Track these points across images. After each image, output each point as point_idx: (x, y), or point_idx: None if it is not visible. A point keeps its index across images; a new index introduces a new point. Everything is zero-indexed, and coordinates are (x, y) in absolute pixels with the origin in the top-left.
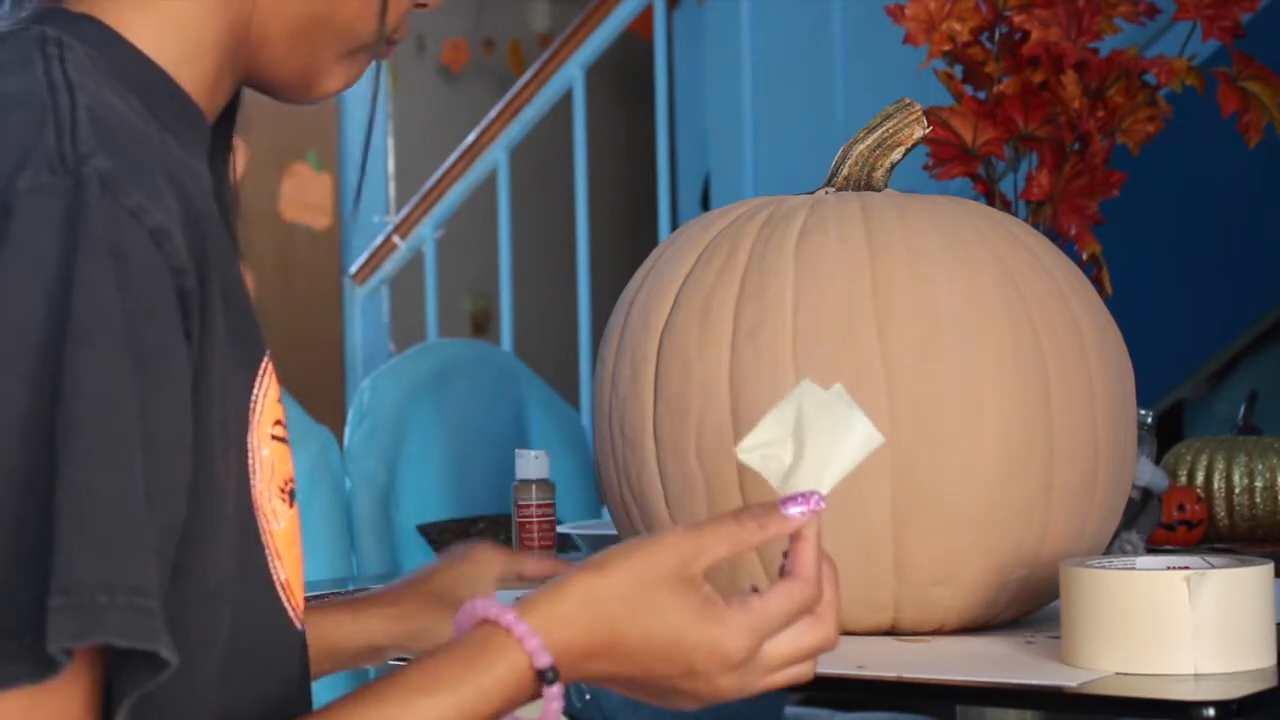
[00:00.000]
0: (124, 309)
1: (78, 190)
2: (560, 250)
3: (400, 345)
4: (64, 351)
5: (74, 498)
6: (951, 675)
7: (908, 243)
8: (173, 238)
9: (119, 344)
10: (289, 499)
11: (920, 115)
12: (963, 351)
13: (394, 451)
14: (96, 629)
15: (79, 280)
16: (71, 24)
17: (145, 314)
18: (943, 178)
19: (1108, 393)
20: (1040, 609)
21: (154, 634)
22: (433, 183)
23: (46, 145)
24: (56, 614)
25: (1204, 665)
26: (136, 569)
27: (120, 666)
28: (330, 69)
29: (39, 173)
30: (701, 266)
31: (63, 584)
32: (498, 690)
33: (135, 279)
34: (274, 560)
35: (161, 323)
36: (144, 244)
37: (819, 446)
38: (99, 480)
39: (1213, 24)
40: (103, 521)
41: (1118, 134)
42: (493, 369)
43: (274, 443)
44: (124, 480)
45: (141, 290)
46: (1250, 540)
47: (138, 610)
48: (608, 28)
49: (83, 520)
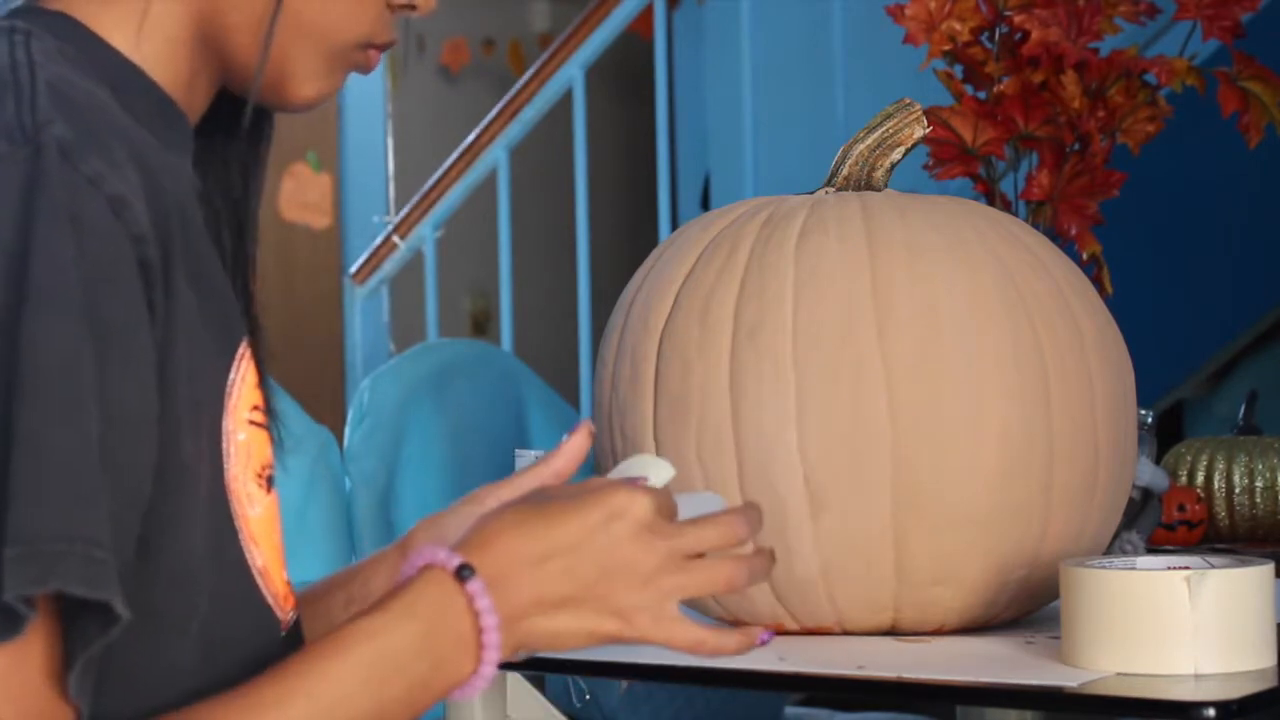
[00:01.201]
0: (83, 276)
1: (35, 158)
2: (560, 250)
3: (400, 345)
4: (21, 315)
5: (30, 454)
6: (951, 675)
7: (908, 243)
8: (131, 206)
9: (77, 308)
10: (266, 485)
11: (920, 115)
12: (963, 351)
13: (394, 451)
14: (52, 576)
15: (36, 247)
16: (44, 19)
17: (105, 281)
18: (943, 178)
19: (1108, 393)
20: (1040, 609)
21: (108, 584)
22: (433, 183)
23: (5, 115)
24: (13, 563)
25: (1204, 665)
26: (91, 523)
27: (74, 623)
28: (303, 71)
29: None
30: (701, 266)
31: (18, 534)
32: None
33: (93, 246)
34: (249, 545)
35: (123, 293)
36: (102, 211)
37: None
38: (55, 437)
39: (1213, 24)
40: (58, 477)
41: (1118, 134)
42: (493, 369)
43: (251, 428)
44: (79, 438)
45: (100, 257)
46: (1250, 540)
47: (92, 560)
48: (608, 28)
49: (39, 475)
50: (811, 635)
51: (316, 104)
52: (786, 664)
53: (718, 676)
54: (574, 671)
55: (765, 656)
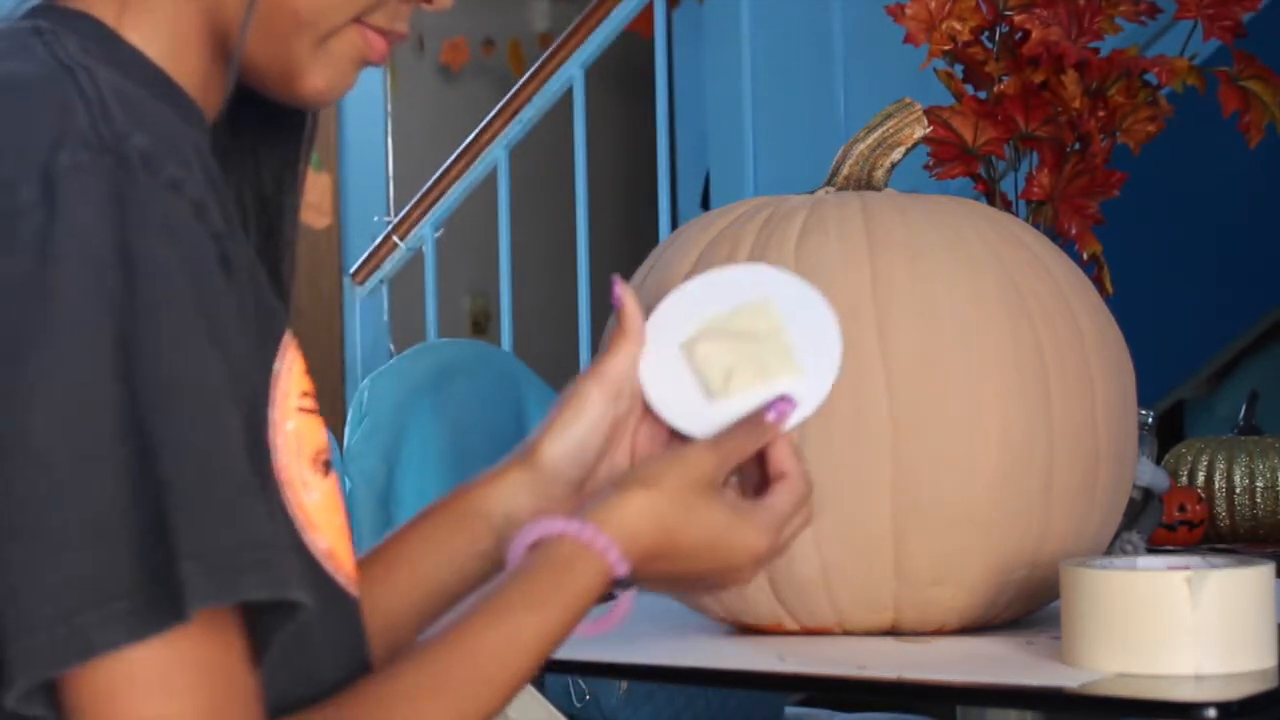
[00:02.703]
0: (190, 277)
1: (121, 169)
2: (560, 250)
3: (400, 345)
4: (139, 328)
5: (185, 462)
6: (951, 676)
7: (908, 243)
8: (209, 207)
9: (193, 311)
10: (324, 469)
11: (920, 115)
12: (963, 351)
13: (394, 451)
14: (236, 588)
15: (140, 257)
16: (66, 19)
17: (206, 282)
18: (943, 178)
19: (1108, 393)
20: (1040, 609)
21: (285, 583)
22: (432, 182)
23: (79, 124)
24: (193, 578)
25: (1205, 666)
26: (258, 523)
27: (255, 616)
28: (308, 63)
29: (77, 151)
30: (701, 266)
31: (192, 548)
32: (584, 600)
33: (190, 250)
34: (307, 532)
35: (219, 290)
36: (188, 215)
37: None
38: (203, 442)
39: (1213, 23)
40: (216, 482)
41: (1118, 134)
42: (492, 368)
43: (301, 415)
44: (227, 439)
45: (197, 260)
46: (1251, 540)
47: (270, 565)
48: (608, 27)
49: (198, 484)
50: (811, 635)
51: (331, 96)
52: (786, 664)
53: (718, 677)
54: (574, 672)
55: (765, 657)
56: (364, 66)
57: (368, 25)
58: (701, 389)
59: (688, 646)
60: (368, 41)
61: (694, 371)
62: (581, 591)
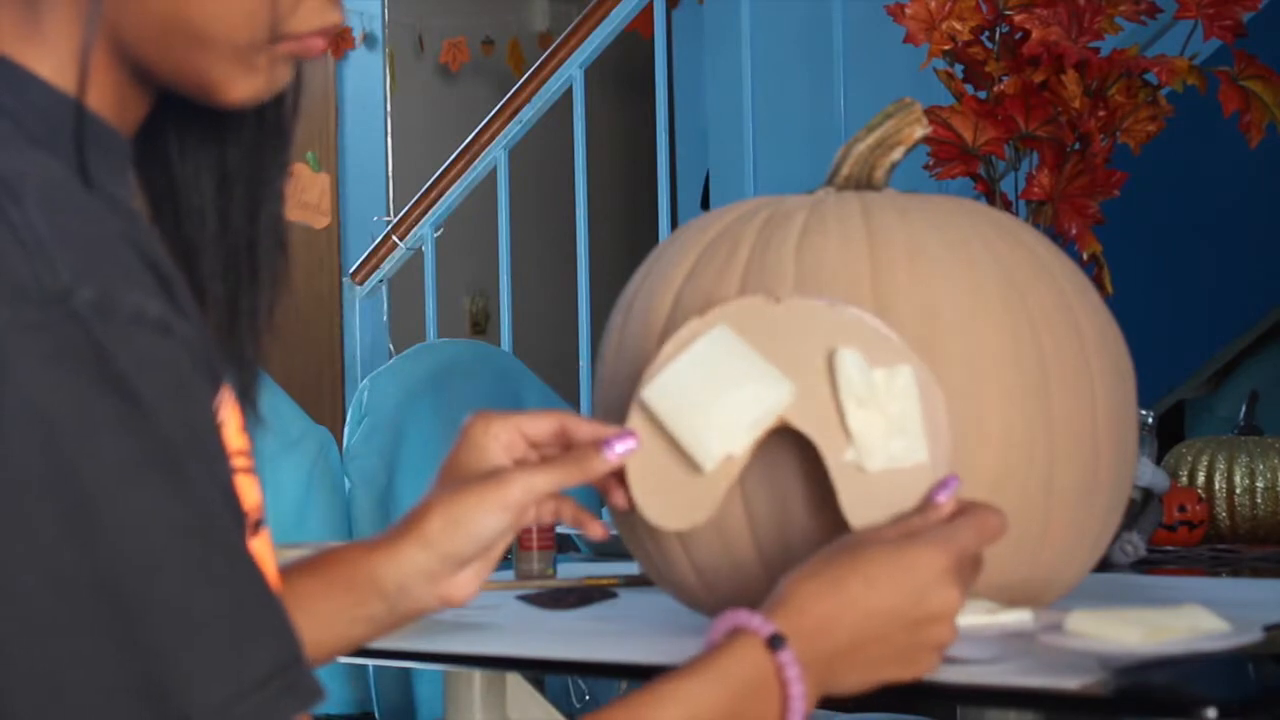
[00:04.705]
0: (172, 419)
1: (73, 323)
2: (560, 250)
3: (399, 345)
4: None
5: (216, 587)
6: (951, 676)
7: (908, 243)
8: (172, 322)
9: (187, 453)
10: (253, 529)
11: (921, 115)
12: (963, 351)
13: (393, 451)
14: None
15: (104, 420)
16: None
17: (183, 405)
18: (943, 178)
19: (1109, 393)
20: (1040, 609)
21: (315, 693)
22: (432, 182)
23: (19, 273)
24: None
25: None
26: (278, 646)
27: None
28: (224, 75)
29: (19, 307)
30: (701, 266)
31: (217, 703)
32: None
33: (164, 378)
34: None
35: (199, 402)
36: (155, 342)
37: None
38: (203, 597)
39: (1214, 23)
40: (241, 609)
41: (1118, 134)
42: (492, 369)
43: (236, 475)
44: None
45: (175, 388)
46: (1251, 540)
47: (293, 687)
48: (607, 27)
49: (227, 612)
50: None
51: (262, 98)
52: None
53: None
54: (574, 672)
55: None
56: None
57: (288, 37)
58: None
59: (687, 646)
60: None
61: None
62: (734, 669)
